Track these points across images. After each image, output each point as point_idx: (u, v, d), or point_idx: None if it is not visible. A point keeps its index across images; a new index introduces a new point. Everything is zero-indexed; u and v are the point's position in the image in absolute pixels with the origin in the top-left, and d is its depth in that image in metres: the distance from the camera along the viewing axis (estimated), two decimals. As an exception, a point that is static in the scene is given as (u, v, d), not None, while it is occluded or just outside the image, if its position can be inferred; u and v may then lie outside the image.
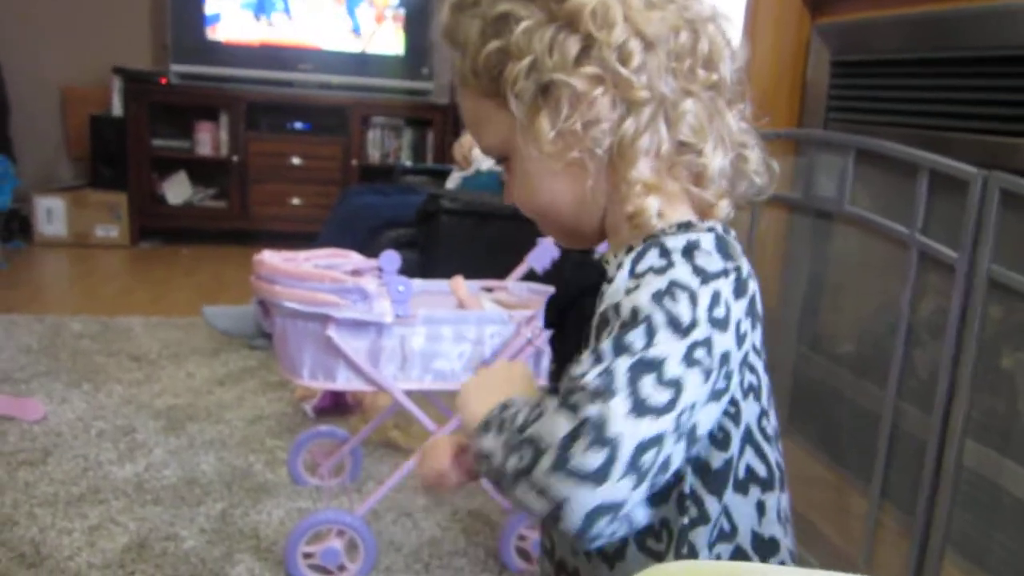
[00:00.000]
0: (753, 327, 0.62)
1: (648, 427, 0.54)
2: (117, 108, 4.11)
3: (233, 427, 2.06)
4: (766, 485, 0.66)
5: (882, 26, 1.45)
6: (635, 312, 0.58)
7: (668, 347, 0.56)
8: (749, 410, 0.64)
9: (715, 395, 0.59)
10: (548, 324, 0.76)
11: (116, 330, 2.75)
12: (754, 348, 0.63)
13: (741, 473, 0.65)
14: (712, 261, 0.60)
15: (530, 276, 1.76)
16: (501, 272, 1.77)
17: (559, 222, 0.71)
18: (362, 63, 4.25)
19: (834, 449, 1.47)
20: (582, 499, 0.54)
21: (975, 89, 1.23)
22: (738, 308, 0.60)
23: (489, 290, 1.77)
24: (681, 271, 0.59)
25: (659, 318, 0.57)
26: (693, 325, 0.57)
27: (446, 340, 1.54)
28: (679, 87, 0.65)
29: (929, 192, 1.20)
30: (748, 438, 0.64)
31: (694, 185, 0.67)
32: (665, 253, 0.61)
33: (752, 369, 0.63)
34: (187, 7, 4.04)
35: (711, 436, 0.62)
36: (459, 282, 1.74)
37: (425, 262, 2.32)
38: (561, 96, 0.64)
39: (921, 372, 1.24)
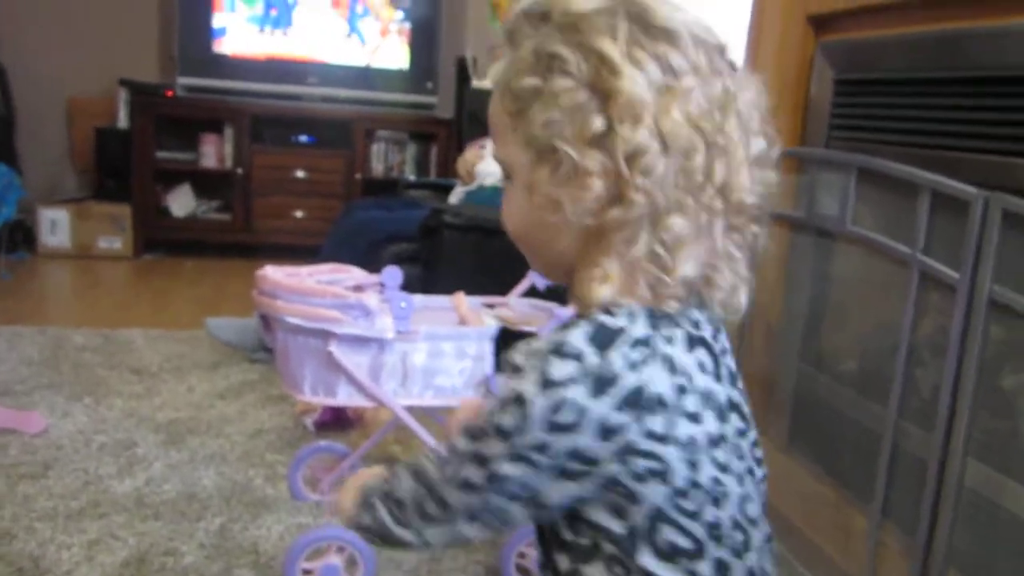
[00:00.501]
0: (642, 415, 0.63)
1: (469, 498, 0.69)
2: (123, 120, 4.13)
3: (233, 441, 2.06)
4: (694, 556, 0.68)
5: (886, 45, 1.45)
6: (484, 411, 0.67)
7: (493, 448, 0.66)
8: (653, 492, 0.65)
9: (564, 475, 0.65)
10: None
11: (118, 343, 2.75)
12: (649, 435, 0.64)
13: (663, 546, 0.67)
14: (562, 367, 0.63)
15: (532, 292, 1.76)
16: (503, 288, 1.77)
17: (537, 254, 0.74)
18: (367, 77, 4.27)
19: (835, 467, 1.47)
20: (433, 532, 0.74)
21: (977, 109, 1.23)
22: (600, 406, 0.62)
23: (491, 306, 1.77)
24: (525, 380, 0.64)
25: (489, 426, 0.66)
26: (518, 432, 0.64)
27: (448, 356, 1.54)
28: (676, 199, 0.64)
29: (931, 212, 1.20)
30: (659, 516, 0.66)
31: (649, 290, 0.66)
32: (526, 355, 0.65)
33: (647, 455, 0.64)
34: (195, 20, 4.07)
35: (607, 507, 0.66)
36: (461, 298, 1.74)
37: (427, 277, 2.32)
38: (563, 163, 0.65)
39: (923, 391, 1.23)
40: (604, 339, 0.64)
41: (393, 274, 1.69)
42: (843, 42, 1.57)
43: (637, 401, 0.63)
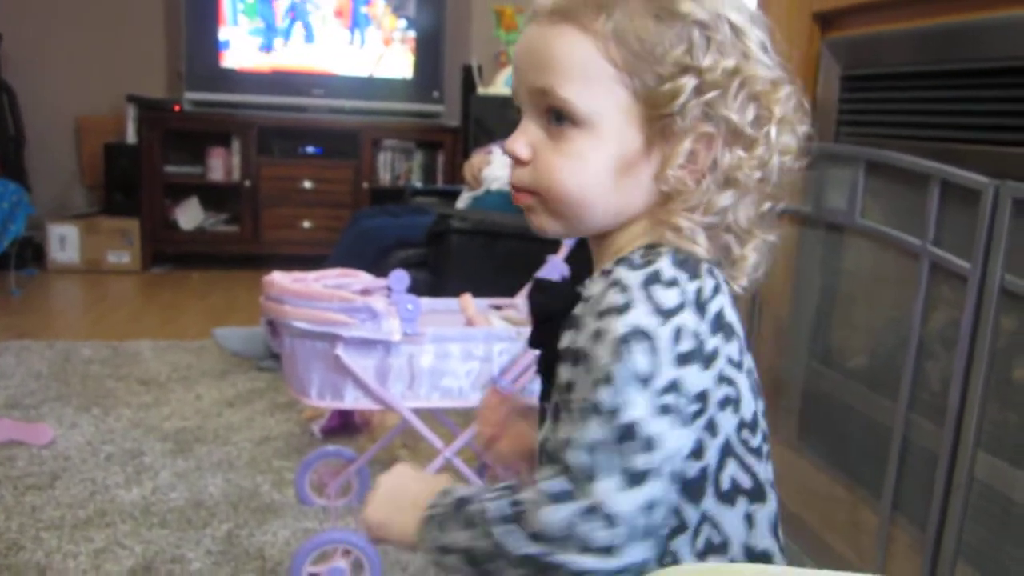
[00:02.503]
0: (727, 340, 0.63)
1: (641, 494, 0.58)
2: (131, 136, 4.15)
3: (241, 448, 2.05)
4: (754, 497, 0.66)
5: (890, 40, 1.44)
6: (598, 366, 0.60)
7: (636, 404, 0.59)
8: (726, 422, 0.64)
9: (691, 423, 0.62)
10: (532, 344, 0.75)
11: (126, 355, 2.75)
12: (729, 361, 0.64)
13: (725, 484, 0.65)
14: (669, 295, 0.61)
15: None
16: (511, 290, 1.76)
17: (569, 208, 0.67)
18: (373, 87, 4.28)
19: (845, 463, 1.45)
20: (604, 569, 0.59)
21: (985, 100, 1.22)
22: (704, 329, 0.62)
23: (498, 308, 1.76)
24: (638, 313, 0.60)
25: (621, 372, 0.59)
26: (655, 373, 0.59)
27: (454, 358, 1.53)
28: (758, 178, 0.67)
29: (940, 203, 1.18)
30: (728, 450, 0.65)
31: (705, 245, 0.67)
32: (624, 290, 0.61)
33: (729, 382, 0.64)
34: (201, 36, 4.09)
35: (690, 448, 0.63)
36: (468, 300, 1.73)
37: (435, 281, 2.31)
38: (706, 139, 0.65)
39: (933, 384, 1.21)
40: (689, 266, 0.63)
41: (400, 277, 1.68)
42: (848, 38, 1.56)
43: (722, 325, 0.63)
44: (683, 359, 0.60)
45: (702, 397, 0.62)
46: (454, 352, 1.52)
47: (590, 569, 0.59)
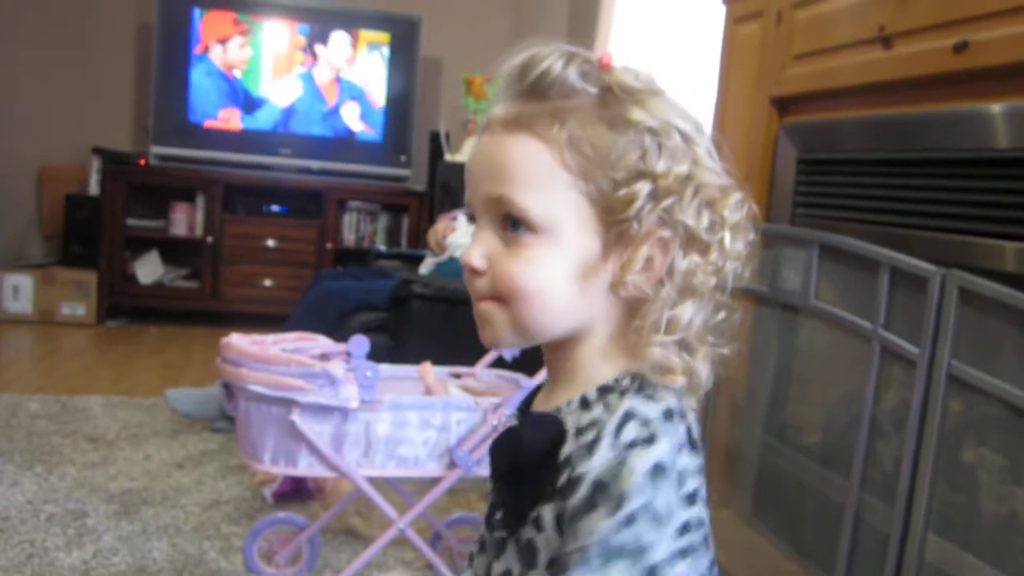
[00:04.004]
0: (702, 478, 0.64)
1: None
2: (94, 187, 4.11)
3: (189, 512, 2.00)
4: None
5: (845, 127, 1.50)
6: (622, 503, 0.59)
7: (659, 547, 0.60)
8: (702, 559, 0.64)
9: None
10: (495, 472, 0.74)
11: (74, 410, 2.68)
12: (702, 498, 0.64)
13: None
14: (680, 431, 0.63)
15: (499, 363, 1.75)
16: (472, 358, 1.76)
17: (530, 312, 0.67)
18: (341, 148, 4.31)
19: (799, 540, 1.45)
20: None
21: (935, 189, 1.27)
22: (696, 467, 0.63)
23: (457, 376, 1.75)
24: (661, 448, 0.61)
25: (646, 512, 0.59)
26: (671, 514, 0.60)
27: (411, 426, 1.52)
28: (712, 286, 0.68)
29: (890, 288, 1.22)
30: None
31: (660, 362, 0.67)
32: (646, 423, 0.62)
33: (702, 522, 0.64)
34: (170, 90, 4.10)
35: None
36: (427, 368, 1.73)
37: (395, 346, 2.31)
38: (668, 245, 0.65)
39: (885, 464, 1.23)
40: (680, 405, 0.65)
41: (360, 343, 1.67)
42: (804, 123, 1.62)
43: (700, 466, 0.64)
44: (690, 499, 0.62)
45: (704, 538, 0.63)
46: (411, 420, 1.51)
47: None
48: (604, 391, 0.66)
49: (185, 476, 2.21)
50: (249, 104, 4.23)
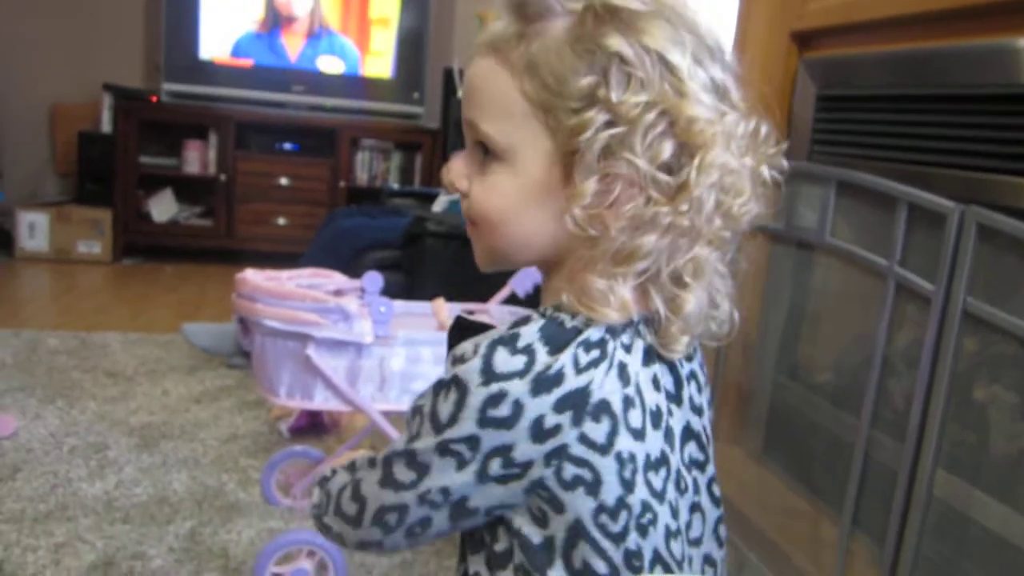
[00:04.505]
0: (586, 420, 0.60)
1: (390, 496, 0.65)
2: (106, 125, 4.10)
3: (207, 446, 2.04)
4: None
5: (866, 62, 1.47)
6: (418, 400, 0.64)
7: (424, 440, 0.62)
8: (577, 503, 0.61)
9: (492, 479, 0.61)
10: None
11: (93, 346, 2.72)
12: (583, 441, 0.60)
13: (576, 563, 0.63)
14: (511, 361, 0.60)
15: (512, 300, 1.76)
16: (484, 295, 1.76)
17: (493, 238, 0.67)
18: (354, 86, 4.27)
19: (808, 478, 1.47)
20: (347, 535, 0.71)
21: (956, 126, 1.24)
22: (539, 404, 0.59)
23: (471, 312, 1.76)
24: (468, 367, 0.60)
25: (426, 410, 0.63)
26: (451, 423, 0.61)
27: (425, 362, 1.53)
28: (698, 228, 0.63)
29: (907, 225, 1.20)
30: (579, 531, 0.62)
31: (633, 303, 0.63)
32: (476, 344, 0.62)
33: (581, 463, 0.60)
34: (181, 26, 4.06)
35: (529, 513, 0.63)
36: (440, 304, 1.73)
37: (409, 284, 2.31)
38: (619, 179, 0.61)
39: (896, 402, 1.24)
40: (559, 339, 0.61)
41: (374, 279, 1.68)
42: (825, 59, 1.59)
43: (579, 404, 0.60)
44: (490, 422, 0.59)
45: (523, 465, 0.60)
46: (425, 356, 1.52)
47: (339, 532, 0.71)
48: (523, 319, 0.64)
49: (203, 411, 2.25)
50: (260, 40, 4.18)
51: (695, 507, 0.69)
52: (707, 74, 0.62)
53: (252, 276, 1.52)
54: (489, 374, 0.59)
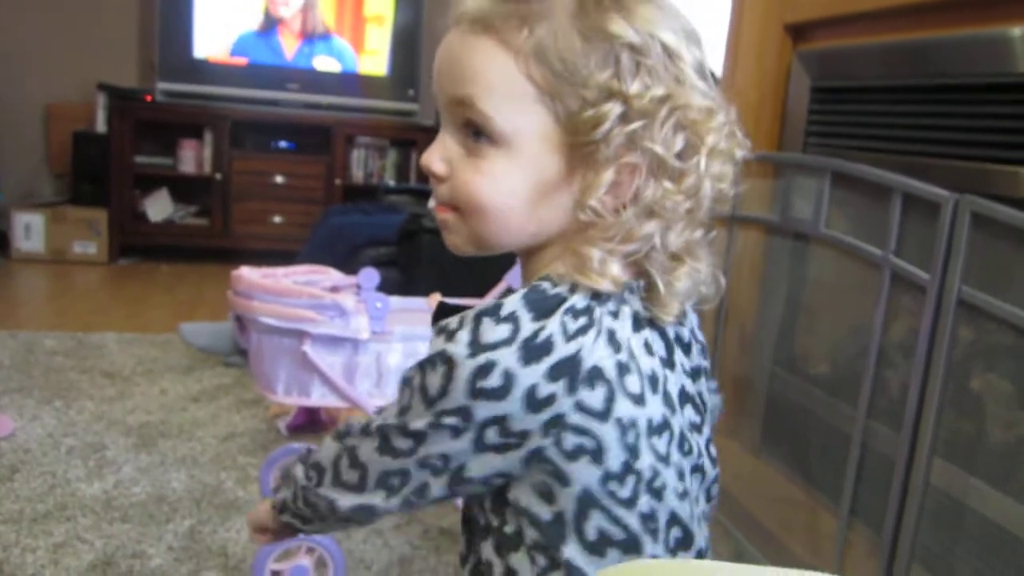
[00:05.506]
0: (580, 387, 0.60)
1: (389, 463, 0.66)
2: (101, 124, 4.09)
3: (205, 444, 2.04)
4: (627, 548, 0.64)
5: (860, 54, 1.47)
6: (407, 372, 0.65)
7: (416, 414, 0.63)
8: (583, 473, 0.61)
9: (488, 448, 0.62)
10: None
11: (90, 346, 2.72)
12: (580, 409, 0.60)
13: (591, 535, 0.63)
14: (497, 330, 0.60)
15: (508, 294, 1.76)
16: (481, 291, 1.76)
17: (486, 226, 0.66)
18: (349, 83, 4.26)
19: (806, 468, 1.47)
20: (340, 504, 0.71)
21: (949, 115, 1.24)
22: (530, 373, 0.59)
23: (467, 308, 1.76)
24: (455, 340, 0.61)
25: (414, 384, 0.63)
26: (442, 396, 0.61)
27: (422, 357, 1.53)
28: (687, 208, 0.65)
29: (902, 215, 1.21)
30: (589, 501, 0.62)
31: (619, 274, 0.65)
32: (462, 317, 0.63)
33: (581, 431, 0.60)
34: (175, 25, 4.05)
35: (535, 490, 0.63)
36: (436, 300, 1.73)
37: (405, 280, 2.31)
38: (633, 168, 0.62)
39: (892, 392, 1.24)
40: (542, 305, 0.61)
41: (369, 275, 1.68)
42: (819, 50, 1.59)
43: (572, 371, 0.60)
44: (480, 393, 0.59)
45: (519, 435, 0.60)
46: (422, 351, 1.52)
47: (335, 499, 0.71)
48: (506, 292, 0.65)
49: (200, 410, 2.25)
50: (254, 39, 4.17)
51: (696, 468, 0.70)
52: (694, 58, 0.63)
53: (248, 273, 1.52)
54: (476, 345, 0.60)
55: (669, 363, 0.67)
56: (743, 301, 1.64)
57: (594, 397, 0.60)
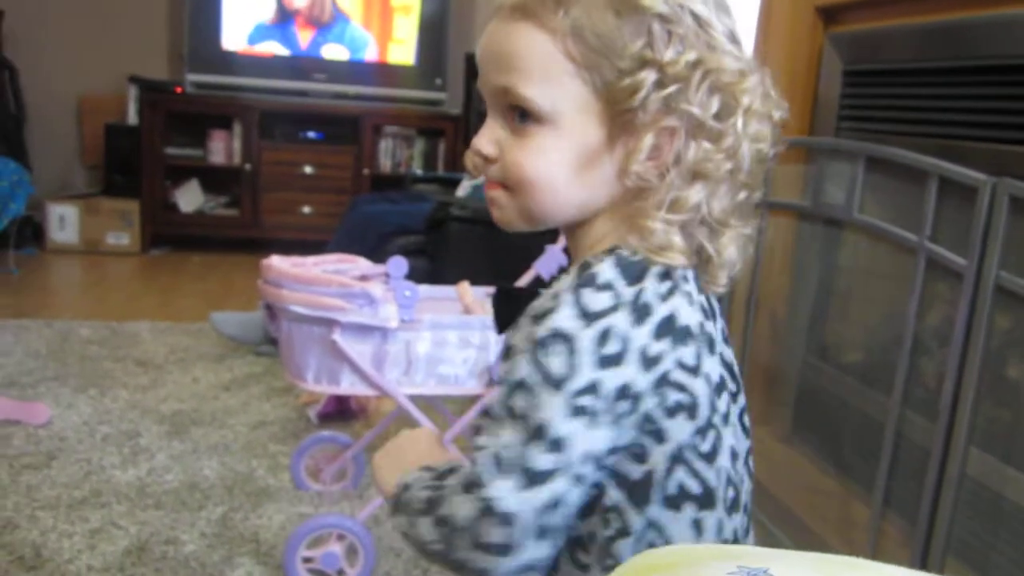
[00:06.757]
0: (679, 344, 0.63)
1: (541, 494, 0.60)
2: (132, 117, 4.14)
3: (237, 432, 2.06)
4: (703, 503, 0.65)
5: (893, 36, 1.44)
6: (516, 369, 0.62)
7: (548, 406, 0.60)
8: (678, 429, 0.63)
9: (612, 424, 0.61)
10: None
11: (124, 335, 2.76)
12: (680, 366, 0.63)
13: (672, 489, 0.64)
14: (600, 298, 0.61)
15: (537, 283, 1.75)
16: (509, 279, 1.76)
17: (535, 200, 0.68)
18: (376, 73, 4.27)
19: (838, 457, 1.45)
20: (500, 568, 0.62)
21: (985, 98, 1.22)
22: (641, 334, 0.61)
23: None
24: (562, 316, 0.61)
25: (535, 376, 0.61)
26: (571, 375, 0.60)
27: (451, 345, 1.53)
28: (731, 173, 0.66)
29: (938, 199, 1.18)
30: (678, 457, 0.64)
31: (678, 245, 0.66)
32: (555, 295, 0.63)
33: (680, 388, 0.63)
34: (204, 17, 4.08)
35: (628, 451, 0.63)
36: (465, 288, 1.73)
37: (434, 269, 2.32)
38: (672, 132, 0.64)
39: (927, 380, 1.22)
40: (632, 270, 0.63)
41: (398, 264, 1.68)
42: (851, 33, 1.56)
43: (671, 330, 0.63)
44: (606, 361, 0.60)
45: (634, 398, 0.62)
46: (451, 339, 1.53)
47: (484, 568, 0.63)
48: (584, 265, 0.65)
49: (232, 398, 2.28)
50: (283, 30, 4.18)
51: (736, 434, 0.71)
52: (725, 26, 0.65)
53: (278, 262, 1.53)
54: (588, 315, 0.61)
55: (715, 327, 0.70)
56: (774, 288, 1.62)
57: (688, 353, 0.64)
